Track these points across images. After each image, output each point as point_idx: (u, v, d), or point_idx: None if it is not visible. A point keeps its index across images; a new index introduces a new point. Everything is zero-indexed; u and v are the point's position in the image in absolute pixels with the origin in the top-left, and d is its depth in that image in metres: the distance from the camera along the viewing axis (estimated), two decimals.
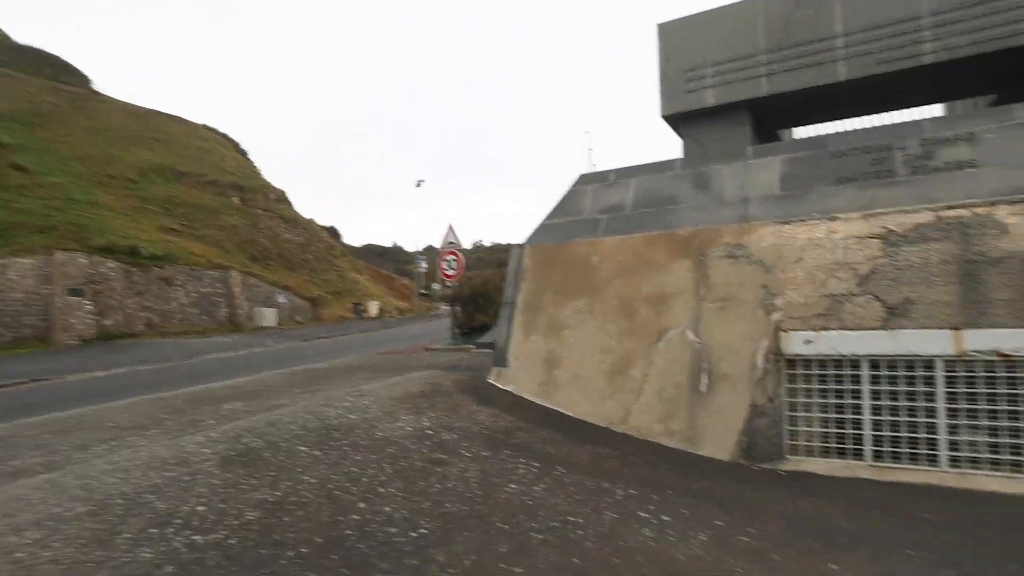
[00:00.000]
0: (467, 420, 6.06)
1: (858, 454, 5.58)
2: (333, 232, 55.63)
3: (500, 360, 7.59)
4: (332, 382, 8.97)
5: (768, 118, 8.35)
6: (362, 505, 3.93)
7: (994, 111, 6.12)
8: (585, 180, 8.22)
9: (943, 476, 5.16)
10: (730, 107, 7.88)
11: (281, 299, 32.85)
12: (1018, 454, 5.03)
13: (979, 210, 5.42)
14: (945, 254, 5.38)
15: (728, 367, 6.00)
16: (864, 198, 6.08)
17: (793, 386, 5.88)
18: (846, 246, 5.79)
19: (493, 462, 4.91)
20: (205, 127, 49.85)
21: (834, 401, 5.72)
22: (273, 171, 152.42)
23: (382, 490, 4.27)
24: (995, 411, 5.14)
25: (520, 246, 8.00)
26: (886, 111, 8.52)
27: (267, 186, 46.04)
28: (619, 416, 6.42)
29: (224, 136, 51.19)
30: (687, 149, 8.28)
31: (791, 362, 5.89)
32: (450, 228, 14.18)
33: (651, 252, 6.86)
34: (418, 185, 42.32)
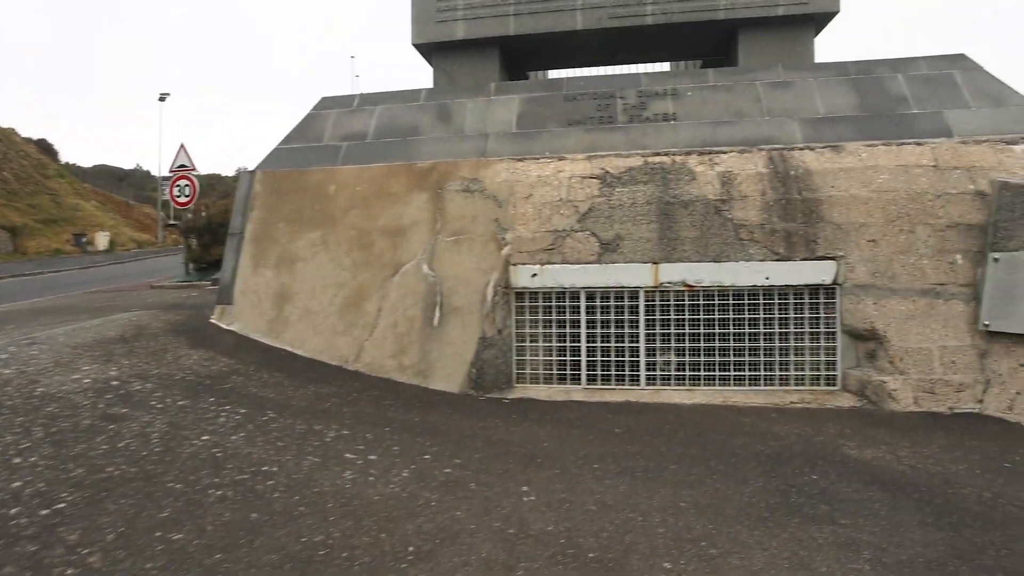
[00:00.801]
0: (170, 366, 5.20)
1: (575, 379, 6.06)
2: (44, 146, 44.82)
3: (225, 297, 6.69)
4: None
5: (517, 58, 8.40)
6: None
7: (693, 72, 6.88)
8: (327, 104, 7.46)
9: (641, 393, 5.84)
10: (480, 43, 7.72)
11: None
12: (696, 370, 5.91)
13: (677, 158, 6.05)
14: (649, 196, 5.93)
15: (460, 300, 6.01)
16: (588, 140, 6.42)
17: (521, 318, 6.12)
18: (570, 185, 6.07)
19: (189, 412, 4.24)
20: None
21: (556, 331, 6.10)
22: None
23: (18, 461, 3.38)
24: (681, 334, 5.93)
25: (251, 172, 7.03)
26: (619, 64, 9.16)
27: None
28: (352, 353, 6.10)
29: None
30: (437, 81, 7.98)
31: (519, 294, 6.10)
32: (182, 148, 12.11)
33: (390, 183, 6.49)
34: (162, 99, 35.80)
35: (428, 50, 7.97)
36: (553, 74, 10.27)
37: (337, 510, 3.09)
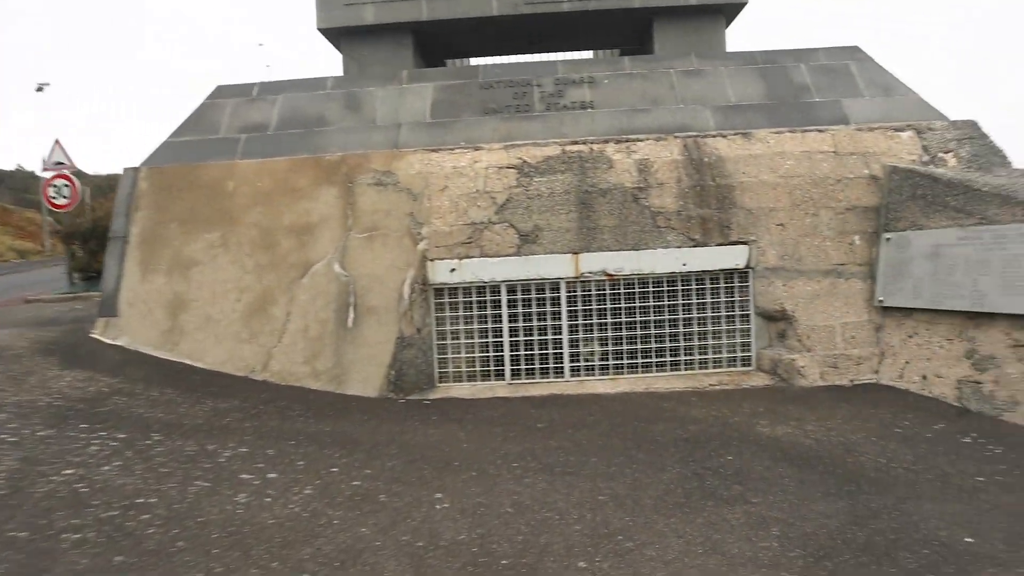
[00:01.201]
0: (33, 392, 4.59)
1: (499, 374, 5.88)
2: None
3: (108, 308, 6.04)
4: None
5: (433, 45, 8.09)
6: None
7: (610, 60, 6.84)
8: (223, 93, 6.91)
9: (565, 386, 5.72)
10: (391, 28, 7.36)
11: None
12: (619, 359, 5.85)
13: (595, 146, 5.97)
14: (567, 185, 5.81)
15: (375, 299, 5.69)
16: (505, 129, 6.24)
17: (441, 314, 5.88)
18: (487, 175, 5.87)
19: (52, 443, 3.72)
20: None
21: (478, 327, 5.90)
22: None
23: None
24: (603, 324, 5.86)
25: (134, 168, 6.39)
26: (539, 52, 9.03)
27: None
28: (260, 362, 5.66)
29: None
30: (347, 68, 7.55)
31: (438, 291, 5.86)
32: (56, 144, 10.95)
33: (296, 178, 6.07)
34: (39, 90, 32.65)
35: (336, 36, 7.54)
36: (473, 62, 10.02)
37: (223, 540, 2.75)
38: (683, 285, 5.84)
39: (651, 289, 5.82)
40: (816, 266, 5.71)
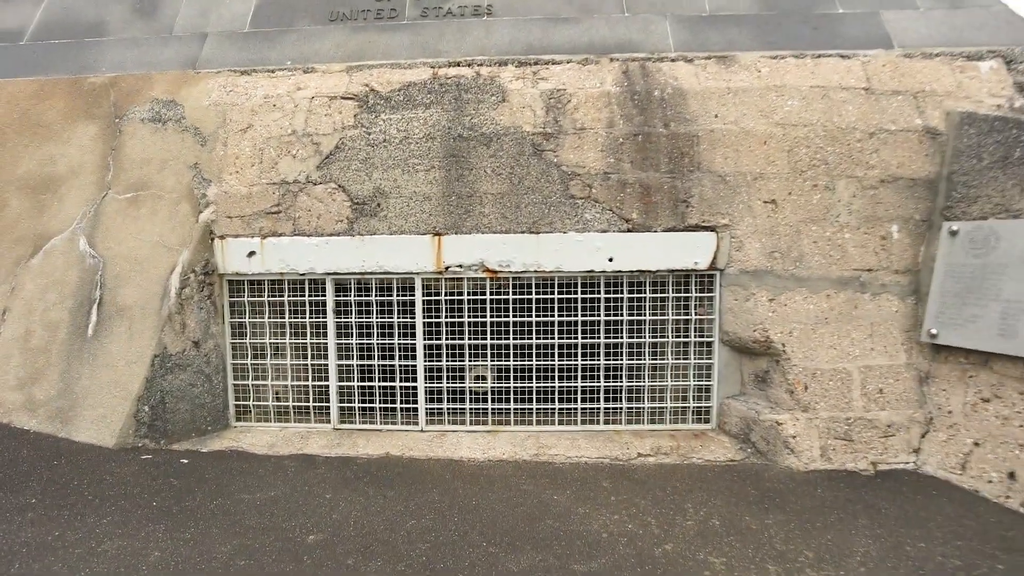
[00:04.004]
0: None
1: (323, 413, 3.90)
2: None
3: None
4: None
5: None
6: None
7: None
8: None
9: (415, 440, 3.69)
10: None
11: None
12: (502, 401, 3.82)
13: (483, 69, 3.86)
14: (432, 127, 3.73)
15: (131, 294, 3.71)
16: (356, 44, 4.16)
17: (239, 320, 3.89)
18: (311, 108, 3.81)
19: None
20: None
21: (292, 341, 3.90)
22: None
23: None
24: (479, 346, 3.81)
25: None
26: None
27: None
28: None
29: None
30: None
31: (235, 285, 3.86)
32: None
33: (43, 108, 4.10)
34: None
35: None
36: None
37: None
38: (608, 292, 3.74)
39: (557, 295, 3.74)
40: (826, 271, 3.57)
